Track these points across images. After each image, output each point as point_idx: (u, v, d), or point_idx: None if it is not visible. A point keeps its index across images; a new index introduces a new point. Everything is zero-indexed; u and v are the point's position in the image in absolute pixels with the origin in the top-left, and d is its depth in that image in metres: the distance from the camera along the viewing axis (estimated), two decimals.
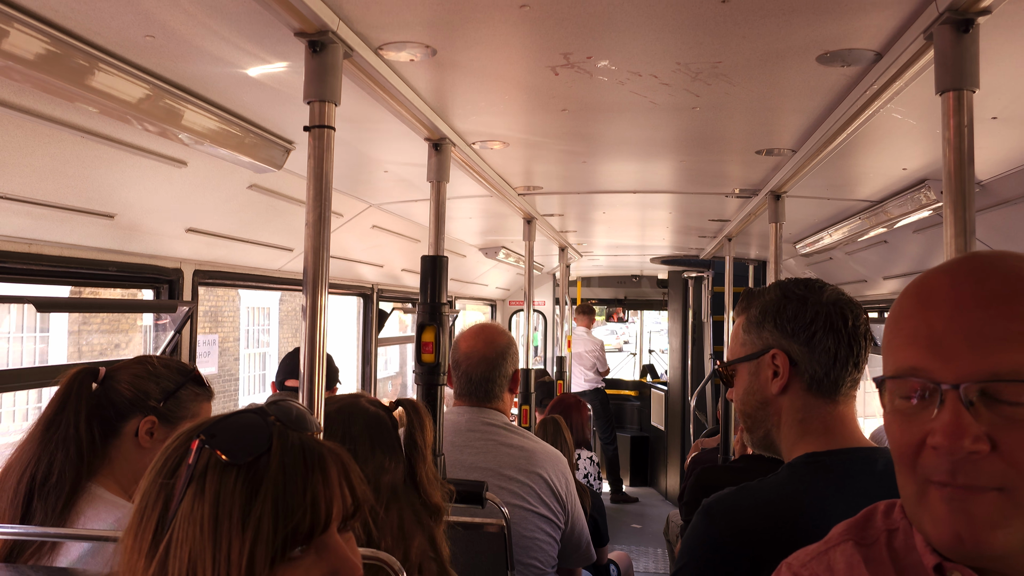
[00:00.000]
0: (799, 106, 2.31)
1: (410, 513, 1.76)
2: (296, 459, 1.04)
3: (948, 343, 0.88)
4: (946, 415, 0.86)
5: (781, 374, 1.55)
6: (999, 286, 0.89)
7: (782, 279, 1.64)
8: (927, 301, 0.92)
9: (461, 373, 2.79)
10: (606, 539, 4.32)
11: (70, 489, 1.76)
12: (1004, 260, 0.93)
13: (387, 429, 1.84)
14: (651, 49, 1.87)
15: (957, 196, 1.53)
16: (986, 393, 0.86)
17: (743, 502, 1.50)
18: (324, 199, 1.72)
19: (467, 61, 1.99)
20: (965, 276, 0.92)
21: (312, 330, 1.70)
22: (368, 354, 5.18)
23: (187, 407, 1.97)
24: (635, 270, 9.79)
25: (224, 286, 3.60)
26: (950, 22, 1.51)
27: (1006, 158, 2.60)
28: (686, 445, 8.31)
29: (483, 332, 2.88)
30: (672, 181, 3.71)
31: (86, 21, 1.67)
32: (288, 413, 1.11)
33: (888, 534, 1.06)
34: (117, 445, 1.88)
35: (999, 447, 0.85)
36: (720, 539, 1.46)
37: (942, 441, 0.86)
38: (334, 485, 1.05)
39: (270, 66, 1.99)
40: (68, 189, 2.29)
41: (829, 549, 1.10)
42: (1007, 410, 0.85)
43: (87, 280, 2.71)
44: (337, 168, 3.16)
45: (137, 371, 1.93)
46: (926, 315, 0.91)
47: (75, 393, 1.82)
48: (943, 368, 0.88)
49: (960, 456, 0.85)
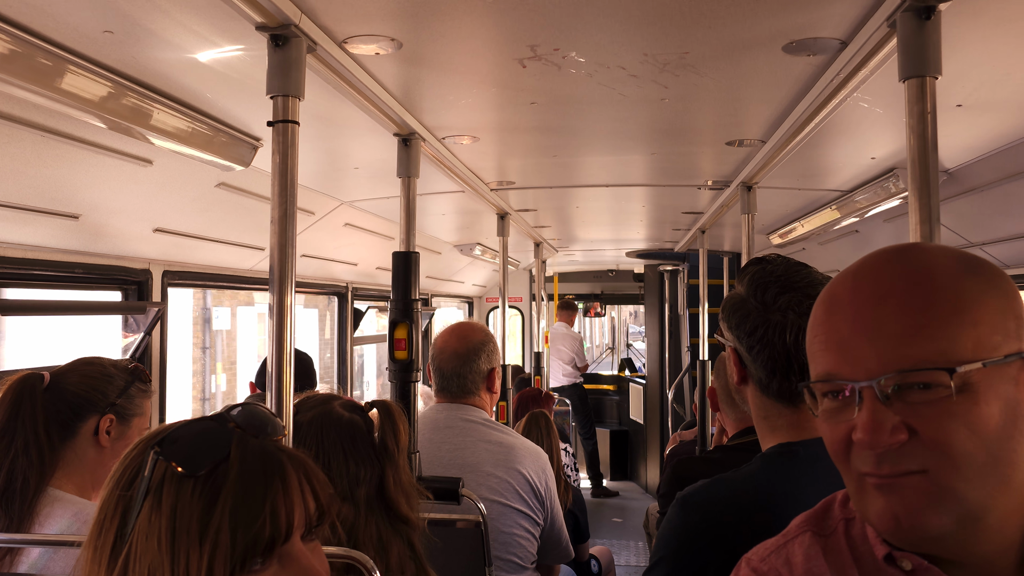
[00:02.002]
0: (767, 96, 2.31)
1: (385, 521, 1.75)
2: (255, 468, 1.02)
3: (853, 345, 0.93)
4: (864, 412, 0.91)
5: (736, 371, 1.57)
6: (894, 282, 0.93)
7: (769, 261, 1.59)
8: (833, 306, 0.97)
9: (435, 368, 2.81)
10: (587, 535, 4.33)
11: (32, 494, 1.75)
12: (903, 254, 0.97)
13: (361, 436, 1.80)
14: (618, 40, 1.86)
15: (922, 183, 1.53)
16: (900, 385, 0.90)
17: (717, 493, 1.50)
18: (289, 195, 1.70)
19: (433, 54, 1.97)
20: (864, 277, 0.96)
21: (280, 330, 1.68)
22: (344, 353, 5.15)
23: (138, 404, 2.00)
24: (611, 265, 9.81)
25: (194, 287, 3.55)
26: (912, 9, 1.51)
27: (972, 145, 2.63)
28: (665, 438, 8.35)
29: (459, 328, 2.89)
30: (645, 174, 3.72)
31: (41, 17, 1.64)
32: (250, 418, 1.09)
33: (846, 523, 1.08)
34: (73, 446, 1.88)
35: (916, 432, 0.89)
36: (695, 530, 1.46)
37: (863, 436, 0.90)
38: (295, 493, 1.03)
39: (234, 61, 1.96)
40: (30, 190, 2.25)
41: (788, 542, 1.12)
42: (917, 397, 0.89)
43: (52, 282, 2.67)
44: (307, 164, 3.17)
45: (89, 371, 1.94)
46: (832, 320, 0.97)
47: (27, 399, 1.82)
48: (853, 369, 0.93)
49: (881, 448, 0.89)
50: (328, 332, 15.50)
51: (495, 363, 2.87)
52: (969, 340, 0.89)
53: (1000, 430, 0.88)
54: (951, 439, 0.87)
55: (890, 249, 0.99)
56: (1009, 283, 0.95)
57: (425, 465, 2.55)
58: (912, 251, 0.97)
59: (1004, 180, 2.75)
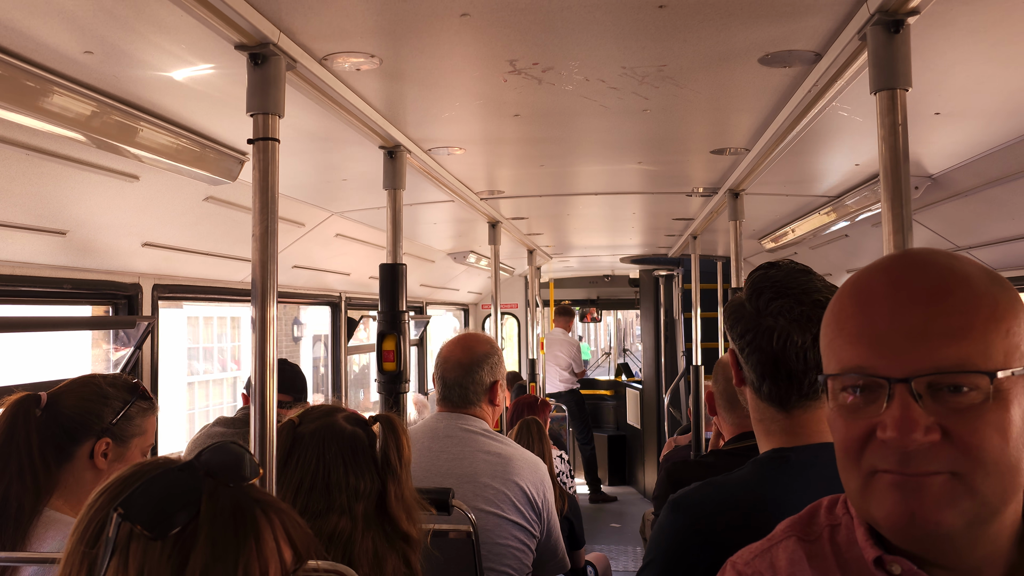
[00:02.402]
0: (747, 106, 2.33)
1: (383, 537, 1.74)
2: (226, 527, 0.97)
3: (891, 340, 0.91)
4: (895, 409, 0.89)
5: (735, 371, 1.59)
6: (934, 283, 0.92)
7: (776, 266, 1.60)
8: (867, 300, 0.95)
9: (438, 377, 2.79)
10: (582, 542, 4.33)
11: (28, 516, 1.74)
12: (935, 257, 0.96)
13: (363, 449, 1.80)
14: (595, 54, 1.88)
15: (894, 194, 1.55)
16: (932, 385, 0.89)
17: (708, 496, 1.51)
18: (270, 211, 1.71)
19: (414, 70, 1.99)
20: (901, 274, 0.95)
21: (262, 343, 1.69)
22: (338, 363, 5.16)
23: (137, 424, 1.97)
24: (606, 270, 9.82)
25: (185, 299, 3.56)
26: (881, 23, 1.53)
27: (953, 152, 2.65)
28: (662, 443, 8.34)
29: (464, 339, 2.88)
30: (634, 182, 3.73)
31: (21, 40, 1.65)
32: (223, 460, 1.03)
33: (831, 529, 1.08)
34: (70, 469, 1.86)
35: (950, 435, 0.88)
36: (686, 533, 1.47)
37: (894, 435, 0.89)
38: (269, 550, 0.99)
39: (214, 79, 1.98)
40: (17, 207, 2.27)
41: (772, 546, 1.11)
42: (952, 399, 0.89)
43: (42, 299, 2.68)
44: (295, 177, 3.18)
45: (84, 393, 1.91)
46: (868, 313, 0.94)
47: (21, 422, 1.80)
48: (889, 365, 0.91)
49: (913, 447, 0.88)
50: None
51: (499, 376, 2.85)
52: (1003, 347, 0.90)
53: (1021, 436, 0.89)
54: (985, 444, 0.88)
55: (923, 251, 0.99)
56: None
57: (423, 474, 2.55)
58: (943, 256, 0.97)
59: (987, 185, 2.76)
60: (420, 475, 2.54)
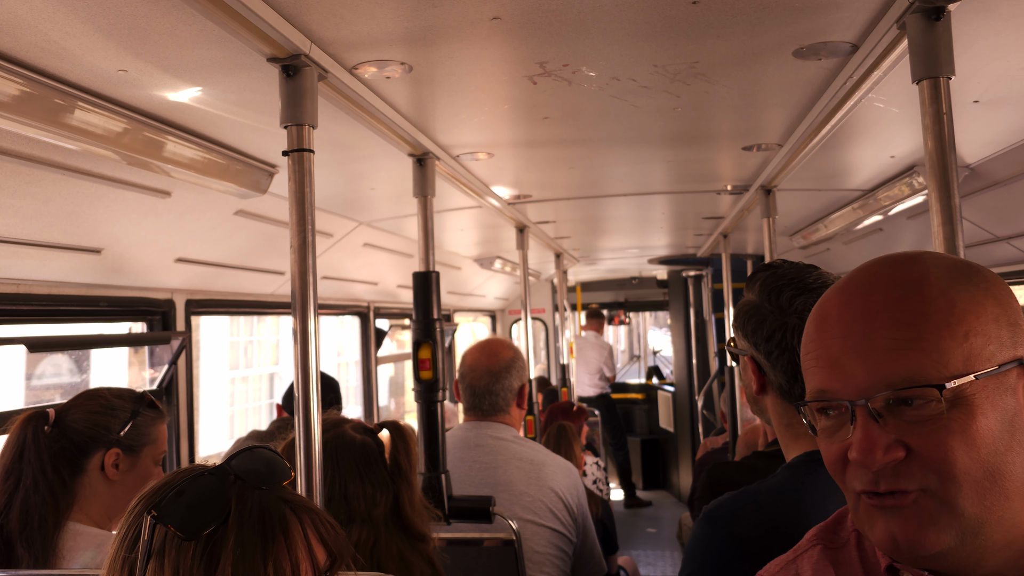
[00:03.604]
0: (781, 101, 2.30)
1: (405, 540, 1.76)
2: (255, 527, 1.01)
3: (843, 362, 0.91)
4: (857, 431, 0.89)
5: (755, 379, 1.54)
6: (883, 295, 0.91)
7: (778, 266, 1.57)
8: (823, 323, 0.96)
9: (466, 386, 2.78)
10: (615, 547, 4.30)
11: (52, 530, 1.77)
12: (893, 267, 0.95)
13: (375, 458, 1.82)
14: (626, 53, 1.86)
15: (941, 183, 1.51)
16: (890, 402, 0.88)
17: (743, 506, 1.48)
18: (307, 223, 1.70)
19: (443, 76, 1.98)
20: (853, 291, 0.94)
21: (304, 354, 1.69)
22: (368, 373, 5.16)
23: (146, 433, 1.99)
24: (634, 272, 9.77)
25: (217, 314, 3.58)
26: (921, 11, 1.49)
27: (991, 140, 2.59)
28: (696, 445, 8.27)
29: (488, 345, 2.87)
30: (662, 181, 3.70)
31: (57, 60, 1.67)
32: (253, 467, 1.07)
33: (857, 535, 1.07)
34: (83, 482, 1.89)
35: (912, 450, 0.87)
36: (722, 544, 1.44)
37: (857, 455, 0.89)
38: (299, 548, 1.02)
39: (246, 92, 1.98)
40: (52, 227, 2.29)
41: (797, 556, 1.11)
42: (910, 414, 0.87)
43: (78, 317, 2.70)
44: (323, 188, 3.19)
45: (91, 407, 1.94)
46: (823, 337, 0.95)
47: (30, 439, 1.83)
48: (844, 387, 0.91)
49: (877, 467, 0.88)
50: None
51: (524, 379, 2.85)
52: (960, 352, 0.86)
53: (997, 442, 0.86)
54: (949, 456, 0.85)
55: (879, 261, 0.97)
56: (1005, 289, 0.92)
57: (457, 484, 2.54)
58: (902, 262, 0.95)
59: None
60: (455, 486, 2.53)
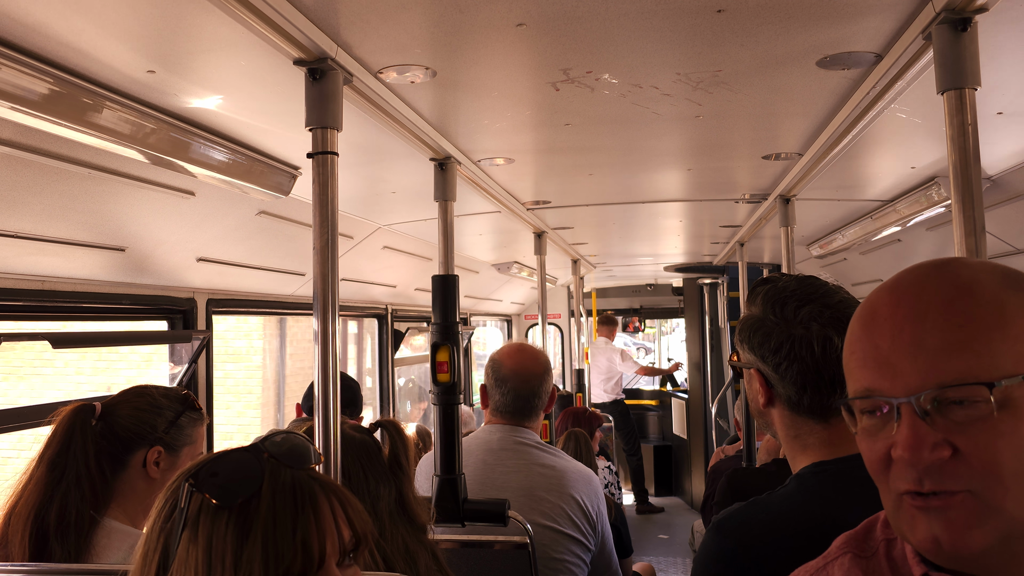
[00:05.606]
0: (803, 110, 2.30)
1: (410, 532, 1.78)
2: (286, 500, 1.04)
3: (893, 361, 0.91)
4: (904, 428, 0.89)
5: (762, 392, 1.53)
6: (934, 296, 0.91)
7: (777, 279, 1.57)
8: (872, 322, 0.96)
9: (508, 390, 2.74)
10: (630, 550, 4.29)
11: (88, 527, 1.77)
12: (943, 269, 0.95)
13: (375, 454, 1.85)
14: (650, 61, 1.87)
15: (965, 195, 1.51)
16: (938, 401, 0.88)
17: (753, 517, 1.47)
18: (330, 224, 1.72)
19: (467, 81, 1.99)
20: (904, 292, 0.95)
21: (324, 355, 1.70)
22: (385, 376, 5.18)
23: (188, 433, 2.02)
24: (649, 279, 9.76)
25: (238, 313, 3.61)
26: (948, 22, 1.50)
27: (1014, 152, 2.58)
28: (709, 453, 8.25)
29: (525, 350, 2.87)
30: (681, 189, 3.71)
31: (86, 60, 1.69)
32: (285, 447, 1.11)
33: (887, 544, 1.06)
34: (124, 478, 1.91)
35: (959, 451, 0.87)
36: (732, 555, 1.43)
37: (903, 453, 0.89)
38: (327, 523, 1.05)
39: (271, 94, 2.01)
40: (78, 225, 2.31)
41: (827, 564, 1.10)
42: (959, 414, 0.87)
43: (101, 314, 2.73)
44: (345, 191, 3.21)
45: (139, 404, 1.96)
46: (871, 336, 0.95)
47: (78, 432, 1.84)
48: (893, 385, 0.91)
49: (923, 465, 0.88)
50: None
51: (552, 385, 2.87)
52: (1012, 355, 0.87)
53: None
54: (998, 458, 0.85)
55: (929, 264, 0.97)
56: None
57: (478, 487, 2.54)
58: (952, 266, 0.95)
59: None
60: (476, 488, 2.54)
